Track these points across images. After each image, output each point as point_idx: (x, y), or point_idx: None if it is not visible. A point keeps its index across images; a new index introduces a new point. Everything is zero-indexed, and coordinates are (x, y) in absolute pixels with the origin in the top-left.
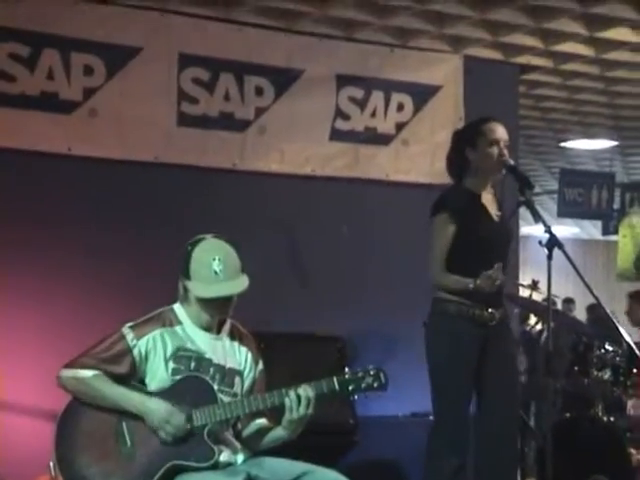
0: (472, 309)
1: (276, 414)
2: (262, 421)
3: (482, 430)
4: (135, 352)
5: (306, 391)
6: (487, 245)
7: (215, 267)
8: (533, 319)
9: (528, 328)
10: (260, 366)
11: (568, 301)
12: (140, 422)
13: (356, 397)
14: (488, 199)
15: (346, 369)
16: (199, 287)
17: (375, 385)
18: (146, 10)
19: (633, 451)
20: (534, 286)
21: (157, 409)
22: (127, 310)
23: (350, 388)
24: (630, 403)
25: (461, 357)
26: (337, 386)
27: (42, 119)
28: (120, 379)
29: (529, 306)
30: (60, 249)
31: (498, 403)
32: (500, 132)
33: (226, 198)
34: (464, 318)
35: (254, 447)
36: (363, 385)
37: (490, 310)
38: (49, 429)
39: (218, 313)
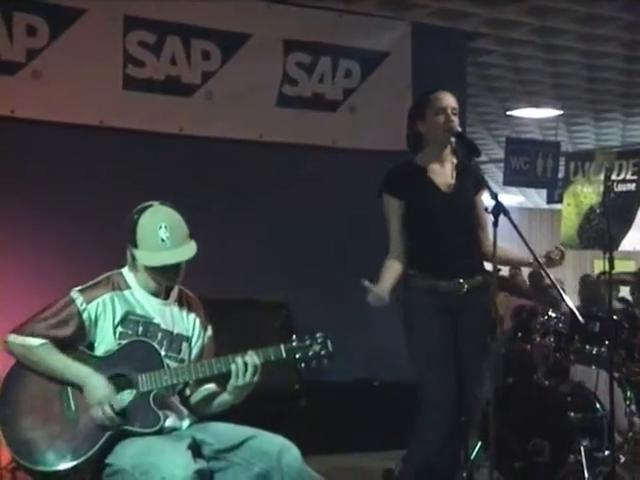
0: (437, 281)
1: (222, 379)
2: (210, 386)
3: None
4: (85, 316)
5: (253, 358)
6: (437, 217)
7: (162, 235)
8: None
9: None
10: (209, 332)
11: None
12: None
13: (303, 365)
14: (442, 170)
15: (293, 337)
16: (146, 256)
17: (322, 353)
18: None
19: (573, 415)
20: None
21: (97, 387)
22: (74, 275)
23: (297, 356)
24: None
25: (434, 330)
26: (284, 354)
27: None
28: (67, 342)
29: None
30: (7, 214)
31: (462, 376)
32: (446, 100)
33: (172, 163)
34: (430, 291)
35: (201, 412)
36: (310, 353)
37: (460, 280)
38: None
39: (166, 280)
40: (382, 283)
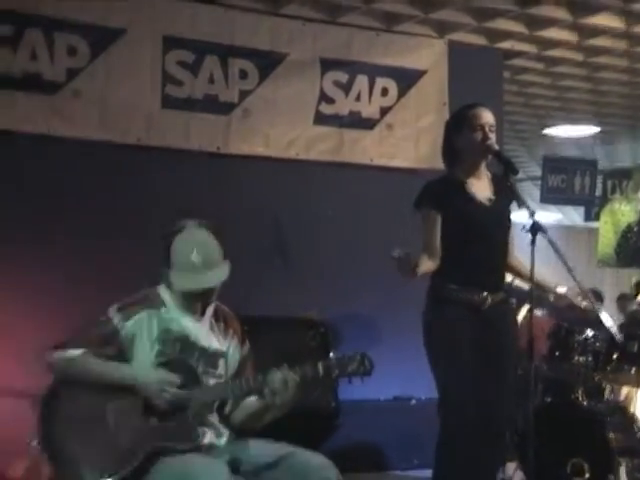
0: (462, 293)
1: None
2: (252, 401)
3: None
4: (122, 334)
5: (290, 375)
6: (478, 230)
7: (194, 258)
8: None
9: None
10: (247, 346)
11: None
12: (125, 403)
13: (339, 382)
14: (480, 184)
15: (331, 354)
16: (179, 278)
17: (360, 371)
18: None
19: (612, 436)
20: None
21: (149, 381)
22: (113, 293)
23: (334, 373)
24: None
25: (457, 342)
26: (322, 371)
27: (25, 100)
28: (106, 359)
29: (512, 292)
30: (44, 231)
31: (487, 392)
32: (485, 116)
33: (210, 181)
34: (455, 302)
35: (250, 428)
36: (348, 370)
37: (484, 294)
38: (29, 411)
39: (200, 301)
40: (416, 259)
